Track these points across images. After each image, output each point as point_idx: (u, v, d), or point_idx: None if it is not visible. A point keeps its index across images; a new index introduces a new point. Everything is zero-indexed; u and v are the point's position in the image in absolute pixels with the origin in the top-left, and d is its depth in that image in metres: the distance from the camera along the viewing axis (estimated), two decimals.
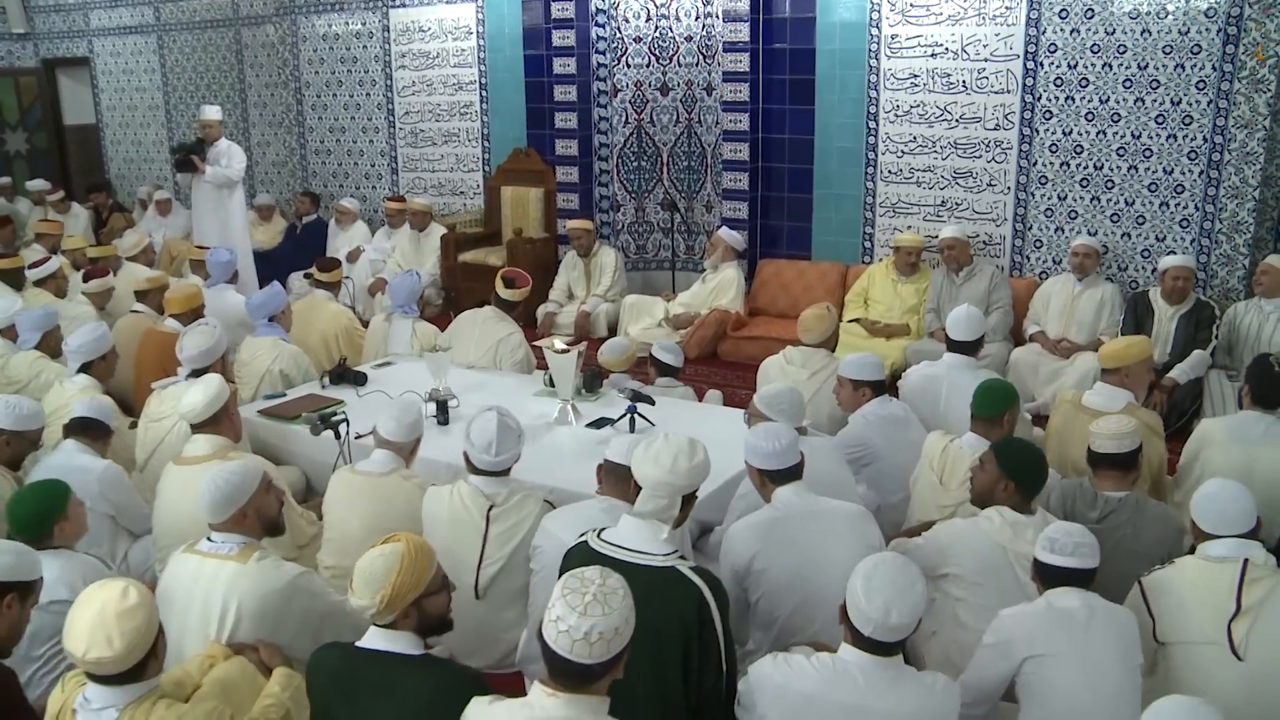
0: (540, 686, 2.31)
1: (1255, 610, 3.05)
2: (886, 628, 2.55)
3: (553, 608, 2.26)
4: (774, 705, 2.65)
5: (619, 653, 2.27)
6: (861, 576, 2.61)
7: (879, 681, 2.59)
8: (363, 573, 2.65)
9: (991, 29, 7.24)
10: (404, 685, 2.59)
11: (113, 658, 2.50)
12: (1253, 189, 6.61)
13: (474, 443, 3.73)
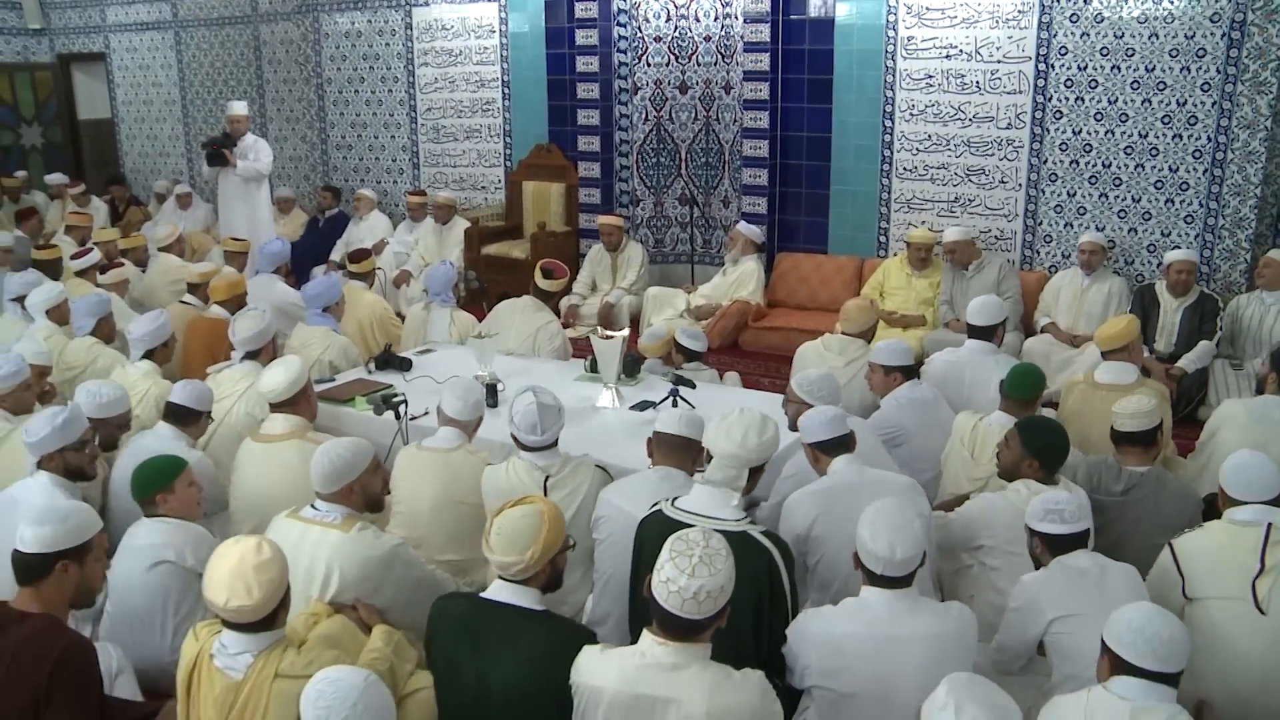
0: (650, 636, 2.57)
1: (1278, 569, 3.34)
2: (894, 563, 2.86)
3: (661, 569, 2.52)
4: (816, 651, 2.93)
5: (722, 607, 2.54)
6: (865, 523, 2.93)
7: (899, 612, 2.89)
8: (507, 531, 2.85)
9: (1004, 32, 7.53)
10: (527, 636, 2.82)
11: (251, 606, 2.73)
12: (1254, 187, 6.91)
13: (519, 426, 3.92)
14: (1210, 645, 3.24)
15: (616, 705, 2.53)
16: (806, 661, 2.93)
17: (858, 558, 2.96)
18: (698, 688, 2.50)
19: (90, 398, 4.49)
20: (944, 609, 2.98)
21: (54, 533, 3.05)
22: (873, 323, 5.84)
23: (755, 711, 2.52)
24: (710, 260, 9.17)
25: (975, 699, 2.21)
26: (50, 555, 3.03)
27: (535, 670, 2.78)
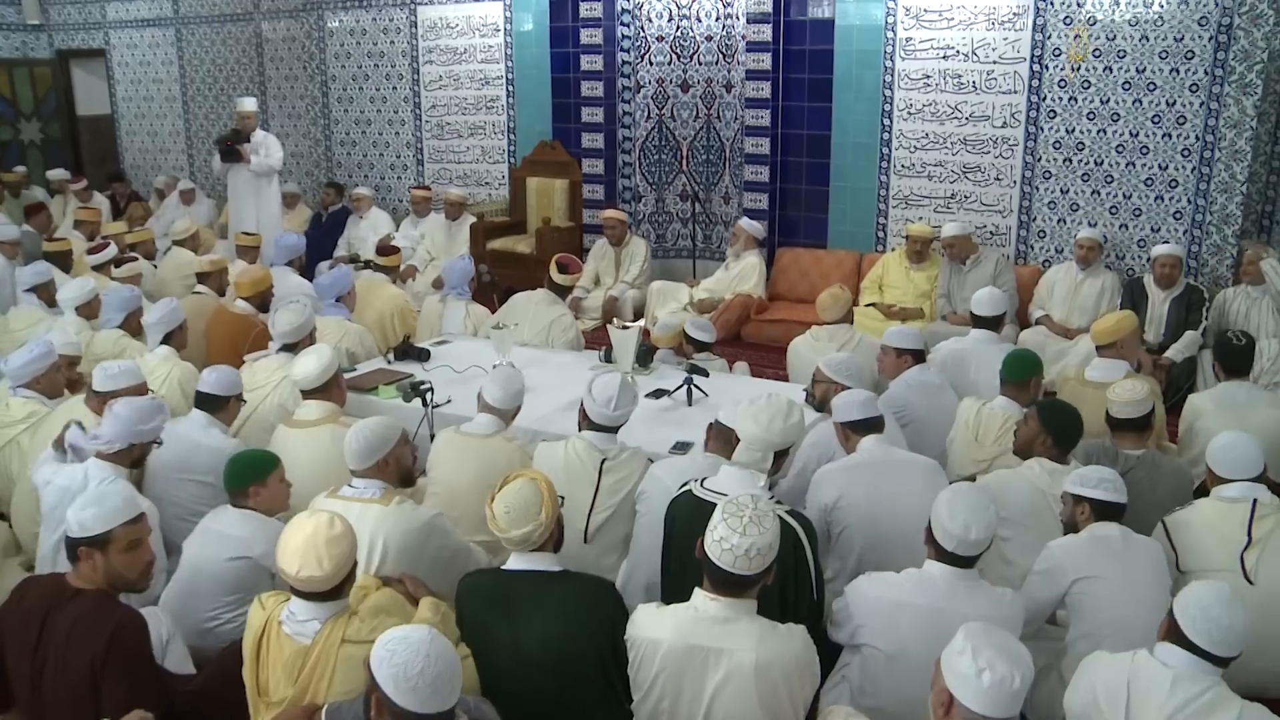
0: (701, 593, 2.79)
1: (1264, 542, 3.59)
2: (967, 543, 3.06)
3: (715, 529, 2.74)
4: (870, 613, 3.15)
5: (770, 565, 2.75)
6: (945, 502, 3.12)
7: (958, 589, 3.09)
8: (515, 507, 3.05)
9: (1000, 34, 7.76)
10: (551, 596, 3.03)
11: (321, 577, 2.92)
12: (1240, 184, 7.16)
13: (595, 398, 4.10)
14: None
15: (672, 655, 2.75)
16: (861, 621, 3.14)
17: (930, 533, 3.15)
18: (747, 638, 2.71)
19: (104, 373, 4.65)
20: (999, 595, 3.16)
21: (76, 520, 3.17)
22: (848, 306, 6.08)
23: (798, 660, 2.74)
24: (711, 256, 9.38)
25: (991, 644, 2.42)
26: (71, 541, 3.17)
27: (565, 625, 2.98)
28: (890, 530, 3.73)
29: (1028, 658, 2.44)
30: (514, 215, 9.81)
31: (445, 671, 2.38)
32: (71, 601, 3.16)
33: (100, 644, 3.05)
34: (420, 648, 2.38)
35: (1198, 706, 2.64)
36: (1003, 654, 2.39)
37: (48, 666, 3.08)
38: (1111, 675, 2.79)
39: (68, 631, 3.09)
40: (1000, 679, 2.35)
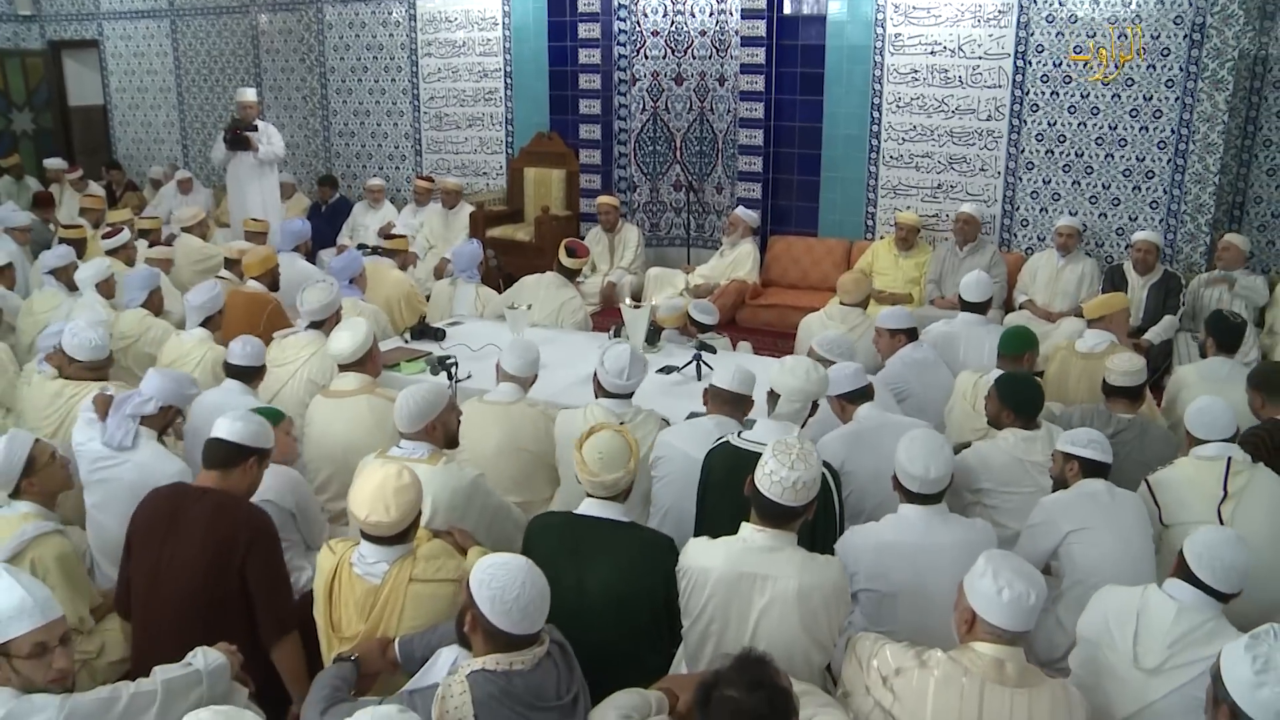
0: (749, 526, 3.09)
1: (1238, 495, 3.92)
2: (928, 481, 3.40)
3: (766, 465, 3.04)
4: (862, 559, 3.46)
5: (812, 500, 3.06)
6: (903, 449, 3.47)
7: (932, 525, 3.44)
8: (608, 453, 3.30)
9: (985, 30, 8.10)
10: (619, 543, 3.29)
11: (387, 523, 3.17)
12: (1213, 175, 7.52)
13: (608, 369, 4.39)
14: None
15: (723, 581, 3.03)
16: (855, 569, 3.44)
17: (896, 480, 3.49)
18: (790, 566, 3.01)
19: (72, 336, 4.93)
20: (969, 524, 3.51)
21: (251, 432, 3.58)
22: (867, 293, 6.41)
23: (836, 586, 3.04)
24: (704, 244, 9.68)
25: (1009, 566, 2.73)
26: (247, 449, 3.57)
27: (628, 572, 3.24)
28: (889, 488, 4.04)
29: (1040, 578, 2.75)
30: (512, 204, 10.07)
31: (537, 598, 2.65)
32: (203, 498, 3.54)
33: (245, 527, 3.46)
34: (517, 575, 2.64)
35: (1198, 635, 2.93)
36: (1020, 575, 2.71)
37: (176, 556, 3.40)
38: (1123, 604, 3.09)
39: (207, 518, 3.46)
40: (1018, 595, 2.66)
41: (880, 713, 2.76)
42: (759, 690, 2.25)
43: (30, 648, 2.62)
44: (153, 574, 3.44)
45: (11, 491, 3.72)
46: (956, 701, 2.65)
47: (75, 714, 2.59)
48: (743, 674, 2.28)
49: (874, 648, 2.87)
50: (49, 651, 2.65)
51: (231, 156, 9.53)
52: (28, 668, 2.62)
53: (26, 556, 3.51)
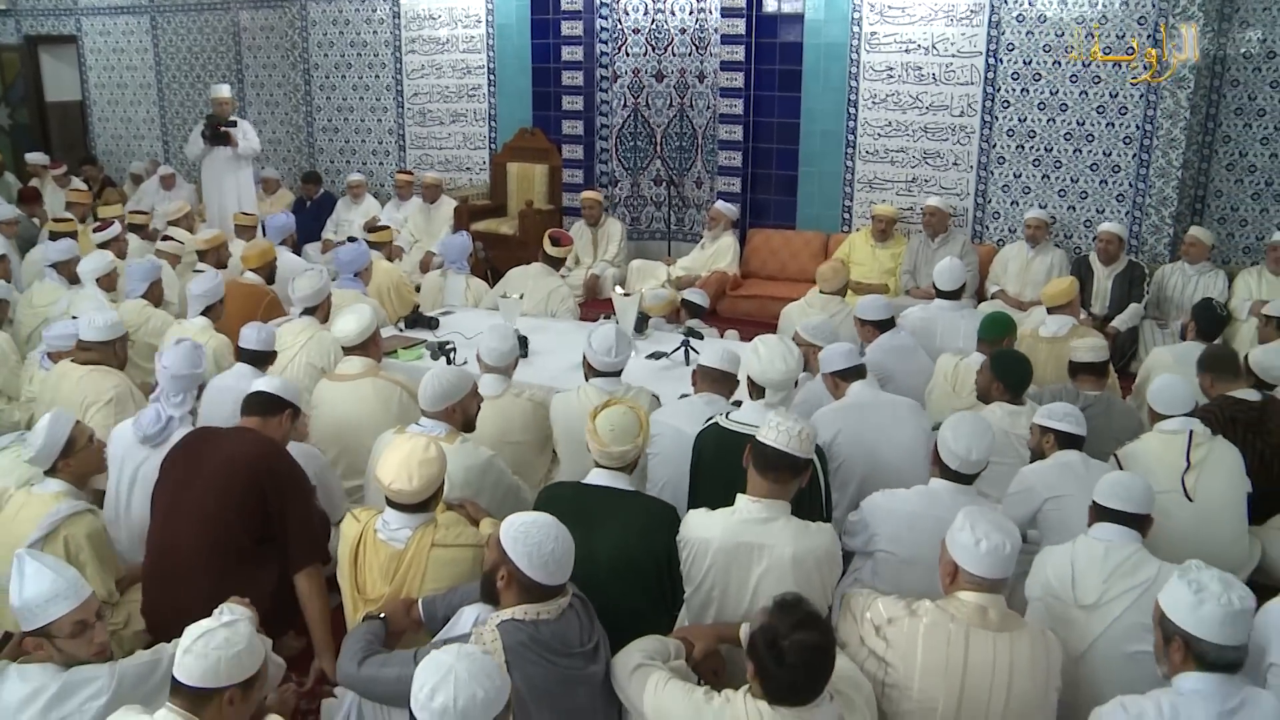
0: (744, 498, 3.31)
1: (1200, 465, 4.20)
2: (969, 463, 3.61)
3: (771, 423, 3.28)
4: (885, 523, 3.68)
5: (809, 461, 3.29)
6: (950, 426, 3.68)
7: (961, 502, 3.58)
8: (619, 426, 3.50)
9: (958, 29, 8.38)
10: (625, 511, 3.48)
11: (409, 491, 3.37)
12: (1176, 170, 7.83)
13: (595, 348, 4.59)
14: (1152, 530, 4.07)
15: (722, 550, 3.25)
16: (876, 530, 3.67)
17: (936, 454, 3.70)
18: (785, 535, 3.24)
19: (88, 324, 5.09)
20: (992, 506, 3.70)
21: (290, 389, 4.02)
22: (844, 280, 6.65)
23: (828, 552, 3.27)
24: (684, 237, 9.90)
25: (985, 520, 2.98)
26: (285, 401, 3.97)
27: (635, 538, 3.43)
28: (883, 460, 4.28)
29: (1015, 529, 3.01)
30: (495, 199, 10.26)
31: (567, 552, 2.88)
32: (232, 433, 3.91)
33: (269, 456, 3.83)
34: (550, 530, 2.86)
35: (1125, 567, 3.25)
36: (995, 527, 2.96)
37: (198, 479, 3.72)
38: (1059, 559, 3.39)
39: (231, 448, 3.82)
40: (995, 546, 2.92)
41: (875, 660, 2.99)
42: (813, 625, 2.53)
43: (71, 627, 2.81)
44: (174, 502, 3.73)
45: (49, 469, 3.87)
46: (944, 645, 2.90)
47: (125, 679, 2.82)
48: (793, 617, 2.52)
49: (867, 601, 3.11)
50: (89, 628, 2.85)
51: (208, 152, 9.65)
52: (71, 645, 2.81)
53: (60, 534, 3.68)
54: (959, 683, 2.87)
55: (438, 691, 2.22)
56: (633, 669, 2.83)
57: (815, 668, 2.53)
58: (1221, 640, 2.61)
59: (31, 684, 2.78)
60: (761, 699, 2.57)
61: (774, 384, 4.08)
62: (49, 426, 3.80)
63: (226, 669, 2.53)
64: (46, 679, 2.78)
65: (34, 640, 2.83)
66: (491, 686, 2.26)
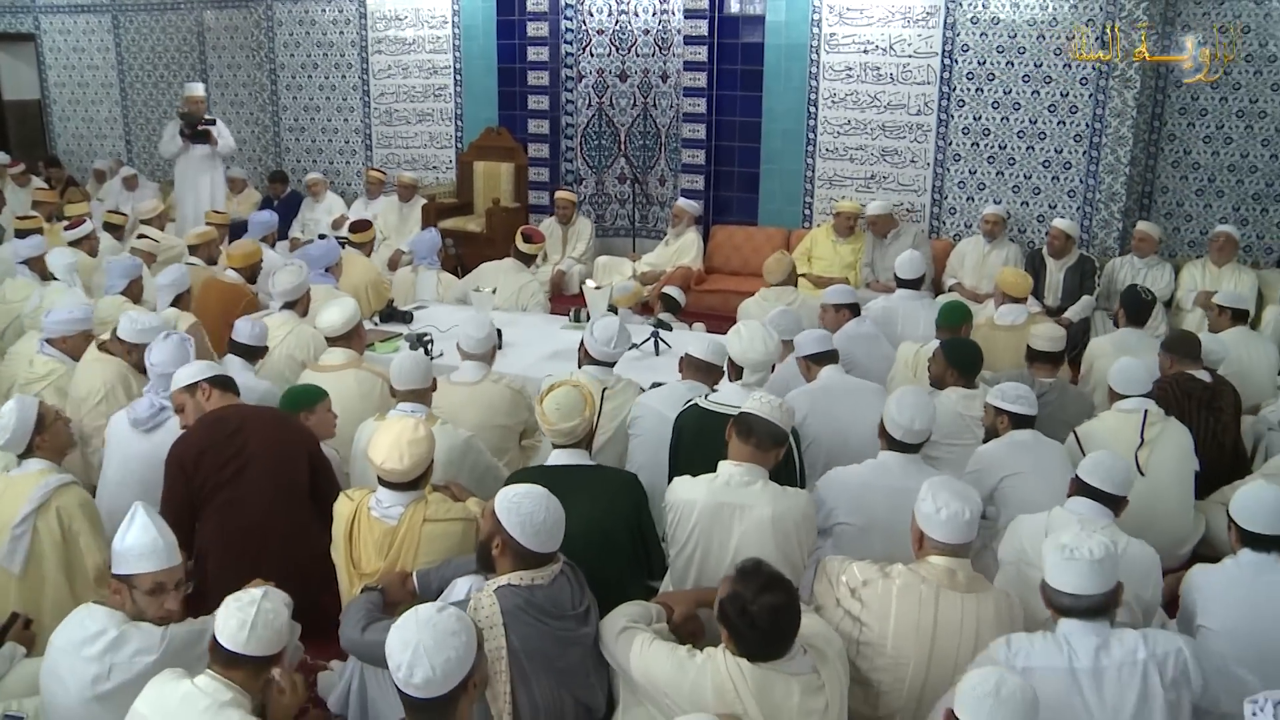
0: (726, 463, 3.51)
1: (1153, 443, 4.46)
2: (912, 432, 3.83)
3: (753, 398, 3.49)
4: (840, 496, 3.89)
5: (788, 434, 3.49)
6: (894, 400, 3.91)
7: (909, 471, 3.86)
8: (564, 404, 3.69)
9: (915, 30, 8.63)
10: (591, 484, 3.65)
11: (400, 470, 3.54)
12: (1124, 166, 8.13)
13: (597, 338, 4.78)
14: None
15: (705, 512, 3.45)
16: (834, 504, 3.87)
17: (882, 427, 3.91)
18: (764, 497, 3.44)
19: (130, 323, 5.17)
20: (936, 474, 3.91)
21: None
22: (790, 270, 6.83)
23: (804, 514, 3.49)
24: (648, 234, 10.08)
25: (946, 489, 3.19)
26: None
27: (603, 507, 3.59)
28: (851, 440, 4.49)
29: (975, 496, 3.23)
30: (462, 197, 10.39)
31: (558, 520, 3.05)
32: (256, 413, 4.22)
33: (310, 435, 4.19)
34: (541, 500, 3.03)
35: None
36: (955, 495, 3.17)
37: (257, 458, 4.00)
38: (1033, 527, 3.62)
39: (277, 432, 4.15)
40: (954, 513, 3.13)
41: (850, 620, 3.19)
42: (776, 587, 2.71)
43: (151, 584, 3.02)
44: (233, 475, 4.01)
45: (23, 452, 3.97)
46: (915, 605, 3.10)
47: (174, 641, 2.99)
48: (756, 581, 2.71)
49: (842, 566, 3.30)
50: (164, 592, 3.05)
51: (185, 150, 9.71)
52: (144, 601, 3.02)
53: (52, 505, 3.80)
54: (929, 640, 3.07)
55: (415, 668, 2.38)
56: (619, 631, 3.00)
57: (783, 625, 2.72)
58: (1076, 590, 2.88)
59: (98, 624, 2.98)
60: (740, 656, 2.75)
61: (753, 364, 4.28)
62: (16, 410, 3.89)
63: (266, 639, 2.71)
64: (110, 624, 2.98)
65: (116, 584, 3.04)
66: (459, 643, 2.42)
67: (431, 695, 2.36)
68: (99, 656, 2.93)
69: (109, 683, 2.92)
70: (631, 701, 2.99)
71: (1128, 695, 2.78)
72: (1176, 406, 4.86)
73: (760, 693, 2.69)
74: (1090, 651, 2.83)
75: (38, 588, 3.79)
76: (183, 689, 2.65)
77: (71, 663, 2.95)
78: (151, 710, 2.64)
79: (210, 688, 2.65)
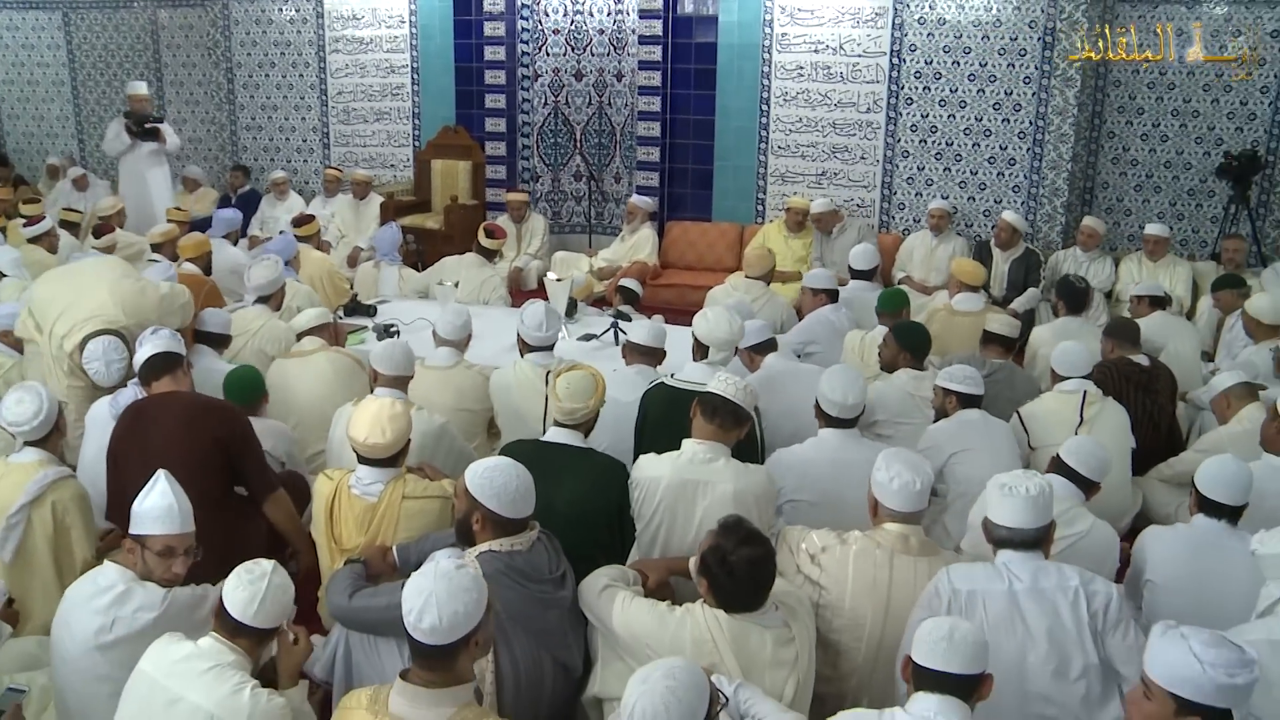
0: (690, 441, 3.69)
1: (1091, 422, 4.70)
2: (845, 407, 4.05)
3: (719, 380, 3.67)
4: (787, 475, 4.08)
5: (750, 414, 3.68)
6: (825, 379, 4.14)
7: (846, 445, 4.09)
8: (575, 385, 3.85)
9: (864, 31, 8.87)
10: (580, 465, 3.82)
11: (383, 445, 3.68)
12: (1066, 162, 8.43)
13: (528, 325, 4.96)
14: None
15: (670, 487, 3.63)
16: (781, 483, 4.05)
17: (819, 406, 4.12)
18: (726, 473, 3.63)
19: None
20: (874, 445, 4.13)
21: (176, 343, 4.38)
22: (769, 267, 7.04)
23: (764, 488, 3.68)
24: (604, 230, 10.25)
25: (898, 460, 3.40)
26: (178, 355, 4.33)
27: (588, 488, 3.77)
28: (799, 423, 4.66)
29: (927, 466, 3.43)
30: (420, 195, 10.48)
31: (529, 486, 3.23)
32: (172, 397, 4.19)
33: (225, 424, 4.10)
34: (509, 470, 3.20)
35: (1066, 518, 3.64)
36: (907, 465, 3.37)
37: (163, 454, 3.86)
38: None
39: (185, 419, 4.07)
40: (906, 482, 3.34)
41: (810, 585, 3.38)
42: (755, 541, 2.93)
43: (162, 546, 3.19)
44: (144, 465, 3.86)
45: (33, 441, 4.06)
46: (871, 568, 3.30)
47: (175, 603, 3.14)
48: (736, 535, 2.92)
49: (801, 534, 3.50)
50: (173, 556, 3.21)
51: (133, 148, 9.75)
52: (154, 561, 3.19)
53: (48, 498, 3.89)
54: (885, 601, 3.28)
55: (425, 614, 2.52)
56: (600, 590, 3.19)
57: (760, 576, 2.93)
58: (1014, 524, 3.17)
59: (108, 580, 3.15)
60: (717, 609, 2.94)
61: (718, 343, 4.50)
62: (47, 399, 4.00)
63: (274, 614, 2.88)
64: (119, 580, 3.15)
65: (130, 543, 3.22)
66: (469, 599, 2.56)
67: (435, 643, 2.51)
68: (105, 609, 3.09)
69: (110, 634, 3.07)
70: (610, 658, 3.17)
71: (1063, 610, 3.06)
72: (1115, 389, 5.12)
73: (736, 643, 2.88)
74: (1029, 575, 3.10)
75: (26, 575, 3.87)
76: (185, 649, 2.80)
77: (80, 613, 3.11)
78: (155, 668, 2.78)
79: (214, 650, 2.80)
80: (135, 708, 2.78)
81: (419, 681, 2.54)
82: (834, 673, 3.34)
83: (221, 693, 2.71)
